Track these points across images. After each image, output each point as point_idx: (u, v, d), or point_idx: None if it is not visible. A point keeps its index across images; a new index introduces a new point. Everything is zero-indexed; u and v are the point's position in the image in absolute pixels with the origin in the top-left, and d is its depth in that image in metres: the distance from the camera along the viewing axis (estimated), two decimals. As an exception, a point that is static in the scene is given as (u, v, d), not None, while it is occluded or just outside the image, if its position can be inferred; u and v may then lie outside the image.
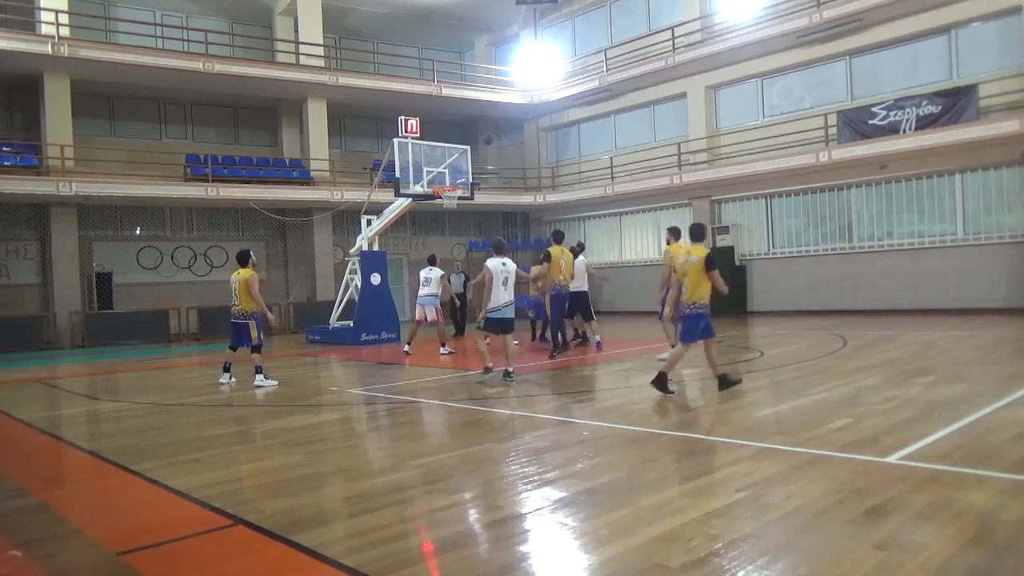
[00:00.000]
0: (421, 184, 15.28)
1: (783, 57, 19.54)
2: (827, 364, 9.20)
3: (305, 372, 11.52)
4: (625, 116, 24.07)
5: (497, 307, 8.90)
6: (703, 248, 7.55)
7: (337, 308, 17.13)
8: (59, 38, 18.15)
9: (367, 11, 24.84)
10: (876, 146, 16.99)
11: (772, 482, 4.21)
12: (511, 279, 9.01)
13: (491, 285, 8.86)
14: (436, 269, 13.40)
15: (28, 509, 4.48)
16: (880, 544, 3.20)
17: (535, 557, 3.32)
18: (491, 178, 26.28)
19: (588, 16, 25.11)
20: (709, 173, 20.70)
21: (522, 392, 8.21)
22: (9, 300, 18.86)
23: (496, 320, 8.94)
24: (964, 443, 4.95)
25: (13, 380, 11.85)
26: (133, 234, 20.89)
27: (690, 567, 3.03)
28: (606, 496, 4.18)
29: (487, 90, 24.92)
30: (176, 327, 20.04)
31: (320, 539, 3.59)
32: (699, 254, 7.43)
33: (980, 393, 6.66)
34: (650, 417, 6.51)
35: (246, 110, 23.75)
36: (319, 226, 22.10)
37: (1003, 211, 16.14)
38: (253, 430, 6.89)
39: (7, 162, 18.36)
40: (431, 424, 7.02)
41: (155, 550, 3.60)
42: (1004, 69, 16.01)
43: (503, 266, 8.96)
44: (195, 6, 23.46)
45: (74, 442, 6.62)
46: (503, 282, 8.90)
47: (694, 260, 7.40)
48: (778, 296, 19.52)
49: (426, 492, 4.45)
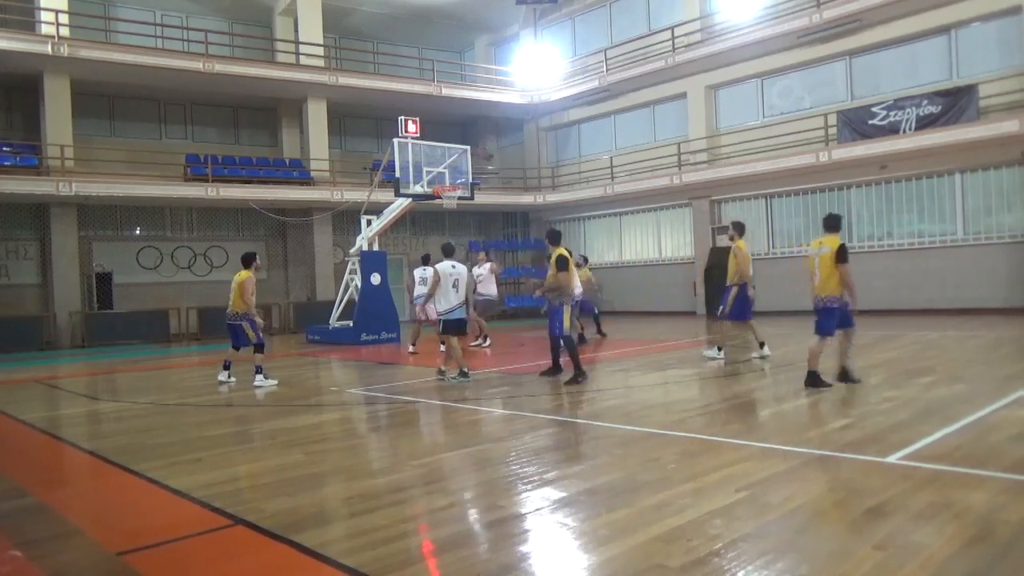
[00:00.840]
0: (421, 184, 15.28)
1: (783, 57, 19.54)
2: (827, 364, 9.18)
3: (305, 372, 11.52)
4: (625, 116, 24.07)
5: (450, 309, 9.11)
6: (837, 239, 7.08)
7: (337, 308, 17.13)
8: (59, 38, 18.14)
9: (367, 11, 24.84)
10: (876, 146, 16.99)
11: (772, 482, 4.21)
12: (461, 281, 9.21)
13: (441, 288, 9.09)
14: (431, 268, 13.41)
15: (28, 509, 4.48)
16: (880, 544, 3.20)
17: (535, 557, 3.32)
18: (491, 178, 26.28)
19: (588, 16, 25.11)
20: (709, 173, 20.70)
21: (522, 392, 8.21)
22: (9, 300, 18.86)
23: (450, 322, 9.17)
24: (964, 443, 4.95)
25: (13, 380, 11.85)
26: (133, 234, 20.89)
27: (690, 567, 3.03)
28: (606, 496, 4.18)
29: (487, 90, 24.92)
30: (176, 327, 20.04)
31: (320, 539, 3.59)
32: (832, 245, 6.99)
33: (980, 393, 6.66)
34: (650, 417, 6.51)
35: (246, 110, 23.75)
36: (319, 226, 22.10)
37: (1003, 211, 16.13)
38: (253, 430, 6.89)
39: (7, 162, 18.36)
40: (431, 424, 7.02)
41: (155, 550, 3.60)
42: (1004, 69, 16.01)
43: (453, 268, 9.20)
44: (195, 6, 23.45)
45: (74, 442, 6.62)
46: (453, 284, 9.11)
47: (826, 252, 6.99)
48: (778, 296, 19.52)
49: (426, 492, 4.45)
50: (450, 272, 9.15)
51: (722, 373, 9.30)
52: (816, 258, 7.13)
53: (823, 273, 7.01)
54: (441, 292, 9.09)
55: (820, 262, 7.06)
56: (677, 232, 22.56)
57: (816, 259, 7.12)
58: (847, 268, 6.94)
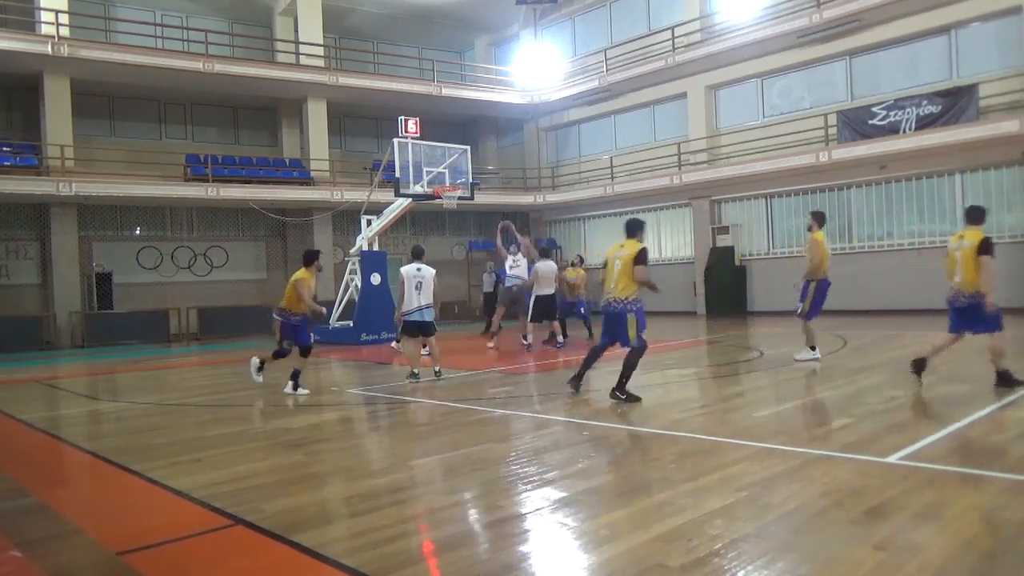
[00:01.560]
0: (421, 184, 15.28)
1: (783, 57, 19.54)
2: (827, 364, 9.19)
3: (305, 372, 11.49)
4: (625, 116, 24.07)
5: (410, 310, 9.21)
6: (980, 232, 6.67)
7: (337, 308, 17.13)
8: (59, 38, 18.15)
9: (367, 11, 24.84)
10: (876, 146, 16.99)
11: (772, 482, 4.20)
12: (425, 284, 9.26)
13: (403, 289, 9.24)
14: None
15: (28, 509, 4.48)
16: (880, 544, 3.20)
17: (535, 557, 3.32)
18: (491, 178, 26.28)
19: (588, 16, 25.12)
20: (709, 173, 20.70)
21: (522, 392, 8.21)
22: (9, 300, 18.85)
23: (410, 323, 9.30)
24: (964, 443, 4.95)
25: (13, 380, 11.85)
26: (133, 234, 20.88)
27: (690, 567, 3.03)
28: (606, 496, 4.18)
29: (487, 90, 24.92)
30: (176, 327, 20.03)
31: (320, 539, 3.59)
32: (975, 239, 6.59)
33: (980, 393, 6.66)
34: (650, 417, 6.51)
35: (246, 110, 23.75)
36: (319, 226, 22.09)
37: (1003, 211, 16.13)
38: (253, 430, 6.89)
39: (7, 162, 18.36)
40: (431, 424, 7.01)
41: (155, 550, 3.60)
42: (1004, 69, 16.02)
43: (417, 271, 9.30)
44: (195, 6, 23.45)
45: (74, 442, 6.62)
46: (416, 287, 9.22)
47: (967, 246, 6.60)
48: (778, 296, 19.49)
49: (426, 492, 4.45)
50: (413, 274, 9.27)
51: (722, 373, 9.31)
52: (958, 252, 6.68)
53: (965, 268, 6.57)
54: (404, 293, 9.23)
55: (963, 255, 6.60)
56: (677, 232, 22.56)
57: (958, 254, 6.67)
58: (987, 259, 6.51)
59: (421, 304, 9.21)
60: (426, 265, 9.44)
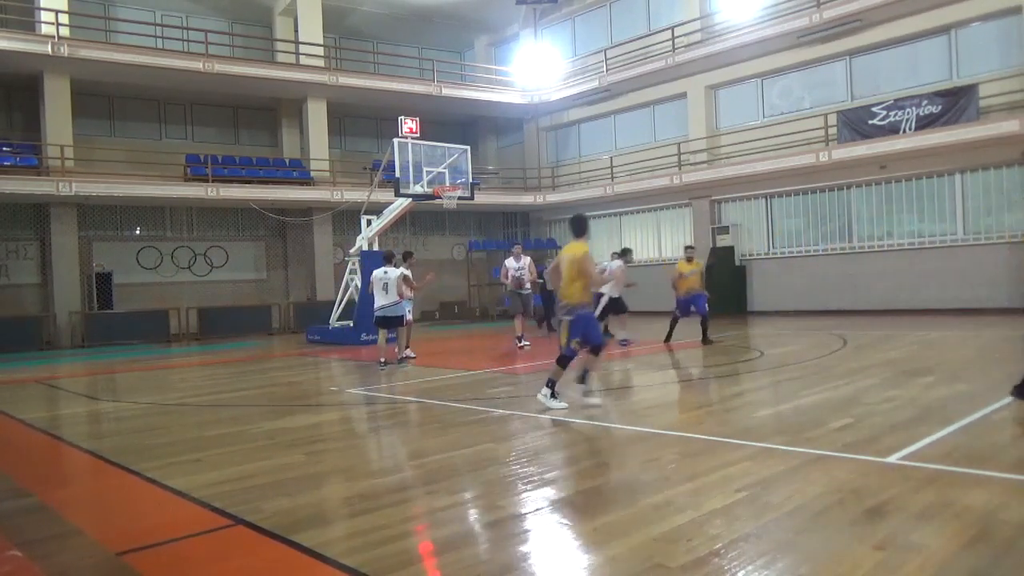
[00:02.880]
0: (421, 184, 15.27)
1: (783, 57, 19.54)
2: (827, 364, 9.19)
3: (305, 372, 11.53)
4: (625, 116, 24.07)
5: (378, 307, 10.87)
6: None
7: (337, 308, 17.12)
8: (59, 38, 18.15)
9: (367, 11, 24.85)
10: (876, 146, 16.99)
11: (772, 482, 4.20)
12: (391, 284, 10.81)
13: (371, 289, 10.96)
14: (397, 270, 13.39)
15: (28, 509, 4.48)
16: (880, 544, 3.20)
17: (535, 557, 3.32)
18: (491, 178, 26.28)
19: (588, 16, 25.12)
20: (709, 173, 20.70)
21: (522, 392, 8.21)
22: (9, 300, 18.86)
23: (379, 318, 10.97)
24: (964, 443, 4.95)
25: (13, 380, 11.84)
26: (133, 234, 20.89)
27: (690, 567, 3.03)
28: (606, 496, 4.18)
29: (487, 90, 24.93)
30: (176, 327, 20.03)
31: (320, 539, 3.59)
32: None
33: (980, 393, 6.65)
34: (650, 417, 6.51)
35: (246, 110, 23.75)
36: (319, 226, 22.10)
37: (1003, 211, 16.13)
38: (253, 430, 6.88)
39: (7, 162, 18.36)
40: (431, 424, 7.01)
41: (155, 550, 3.60)
42: (1004, 69, 16.02)
43: (384, 274, 10.92)
44: (195, 6, 23.45)
45: (74, 442, 6.61)
46: (383, 287, 10.84)
47: None
48: (778, 296, 19.51)
49: (426, 492, 4.45)
50: (381, 276, 10.91)
51: (722, 373, 9.30)
52: None
53: None
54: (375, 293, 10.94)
55: None
56: (677, 232, 22.55)
57: None
58: None
59: (386, 303, 10.82)
60: (392, 268, 10.97)
